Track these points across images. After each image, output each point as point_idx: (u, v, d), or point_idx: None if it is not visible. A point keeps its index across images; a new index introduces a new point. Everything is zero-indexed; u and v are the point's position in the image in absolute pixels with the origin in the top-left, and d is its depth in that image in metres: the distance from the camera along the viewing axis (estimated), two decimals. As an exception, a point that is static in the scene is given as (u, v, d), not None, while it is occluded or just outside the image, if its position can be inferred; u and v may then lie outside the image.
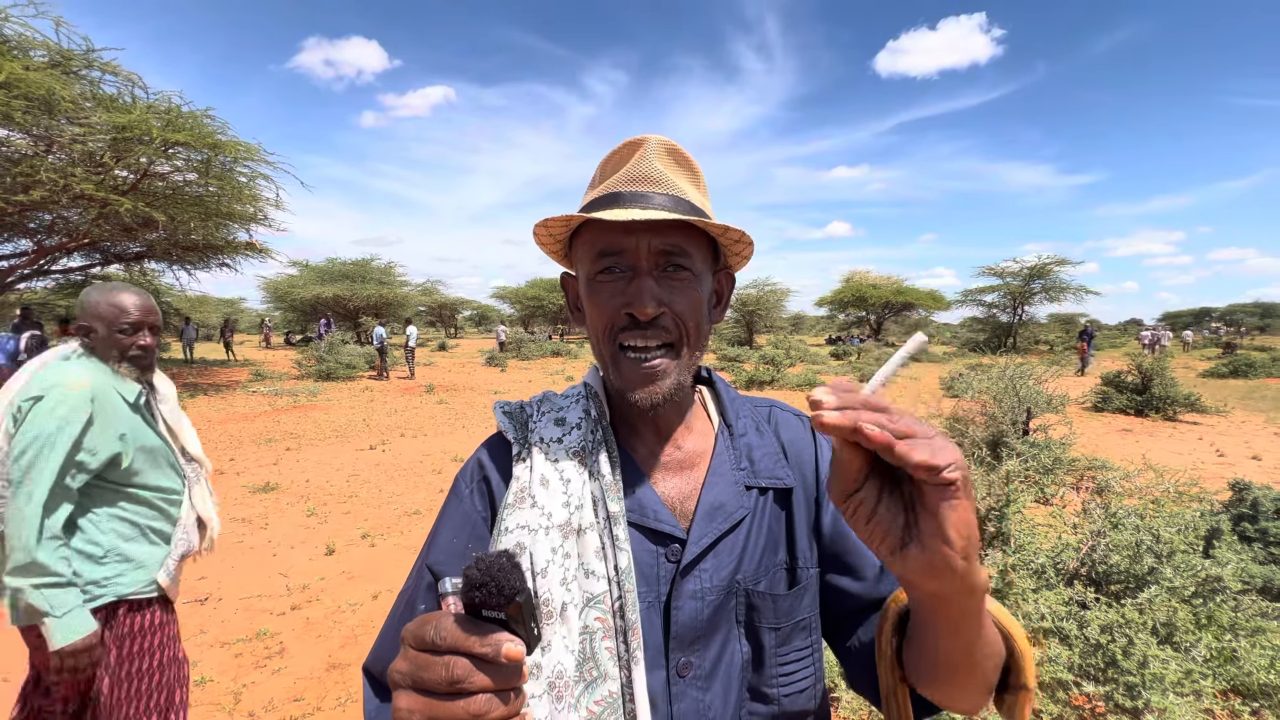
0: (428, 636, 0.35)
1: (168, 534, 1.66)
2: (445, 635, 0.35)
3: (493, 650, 0.34)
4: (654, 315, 0.61)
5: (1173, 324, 61.59)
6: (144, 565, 1.58)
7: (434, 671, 0.34)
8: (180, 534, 1.68)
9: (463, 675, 0.34)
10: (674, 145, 0.66)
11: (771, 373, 14.68)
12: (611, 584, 0.59)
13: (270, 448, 7.30)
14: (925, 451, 0.37)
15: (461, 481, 0.68)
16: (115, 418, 1.53)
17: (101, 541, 1.52)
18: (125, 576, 1.54)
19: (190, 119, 10.20)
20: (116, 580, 1.53)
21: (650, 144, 0.65)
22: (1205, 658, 2.26)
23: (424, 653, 0.35)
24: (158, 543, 1.63)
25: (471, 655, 0.34)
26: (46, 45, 9.13)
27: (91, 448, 1.48)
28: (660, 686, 0.60)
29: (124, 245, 13.00)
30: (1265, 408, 11.16)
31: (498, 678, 0.35)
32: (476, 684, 0.34)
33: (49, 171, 8.83)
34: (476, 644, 0.34)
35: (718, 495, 0.65)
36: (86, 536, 1.51)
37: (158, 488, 1.64)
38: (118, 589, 1.52)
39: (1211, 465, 6.65)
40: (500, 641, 0.34)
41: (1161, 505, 3.46)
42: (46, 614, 1.37)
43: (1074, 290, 28.54)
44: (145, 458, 1.60)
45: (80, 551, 1.49)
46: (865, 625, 0.66)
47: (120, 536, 1.56)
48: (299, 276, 27.67)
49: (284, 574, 3.78)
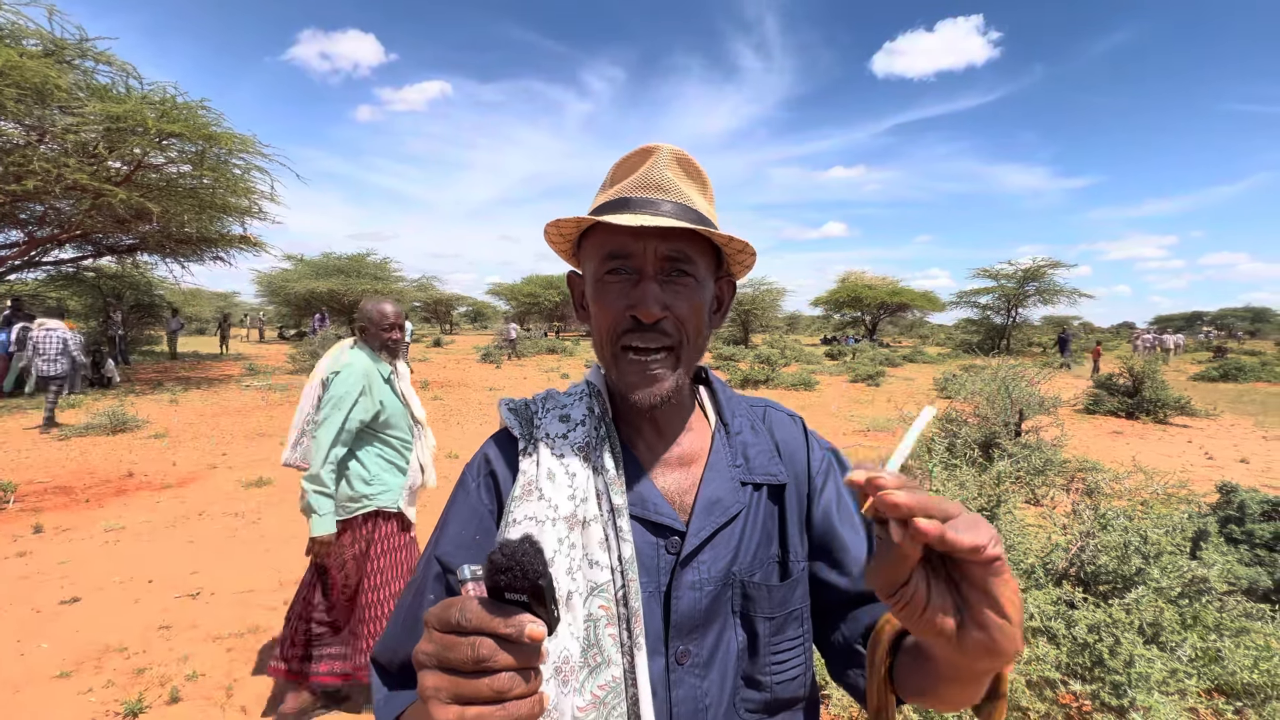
0: (453, 619, 0.37)
1: (405, 469, 2.40)
2: (471, 617, 0.36)
3: (516, 630, 0.35)
4: (657, 318, 0.63)
5: (1163, 328, 62.03)
6: (392, 489, 2.35)
7: (460, 651, 0.36)
8: (412, 472, 2.42)
9: (488, 654, 0.35)
10: (685, 155, 0.69)
11: (766, 372, 14.70)
12: (615, 574, 0.62)
13: (263, 442, 7.27)
14: (970, 533, 0.37)
15: (469, 475, 0.71)
16: (377, 388, 2.30)
17: (370, 468, 2.30)
18: (383, 495, 2.32)
19: (185, 110, 10.12)
20: (379, 496, 2.31)
21: (662, 153, 0.68)
22: (1190, 657, 2.29)
23: (449, 634, 0.37)
24: (400, 475, 2.39)
25: (496, 635, 0.36)
26: (40, 34, 9.04)
27: (364, 406, 2.24)
28: (659, 673, 0.62)
29: (117, 237, 12.88)
30: (1254, 411, 11.28)
31: (520, 657, 0.36)
32: (500, 662, 0.36)
33: (41, 161, 8.74)
34: (501, 625, 0.35)
35: (715, 490, 0.68)
36: (361, 465, 2.29)
37: (399, 438, 2.38)
38: (379, 502, 2.31)
39: (1200, 468, 6.72)
40: (524, 622, 0.36)
41: (1150, 507, 3.50)
42: (313, 511, 2.15)
43: (1067, 293, 28.73)
44: (393, 416, 2.34)
45: (359, 476, 2.28)
46: (847, 621, 0.68)
47: (380, 467, 2.32)
48: (293, 271, 27.49)
49: (277, 568, 3.77)
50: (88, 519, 4.58)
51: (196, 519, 4.65)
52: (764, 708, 0.65)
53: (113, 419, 7.60)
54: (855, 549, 0.69)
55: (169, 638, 2.97)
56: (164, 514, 4.74)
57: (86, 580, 3.55)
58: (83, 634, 2.97)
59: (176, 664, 2.74)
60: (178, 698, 2.49)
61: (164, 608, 3.25)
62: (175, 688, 2.53)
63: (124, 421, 7.69)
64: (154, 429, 7.80)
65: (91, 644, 2.88)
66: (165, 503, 5.01)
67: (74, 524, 4.46)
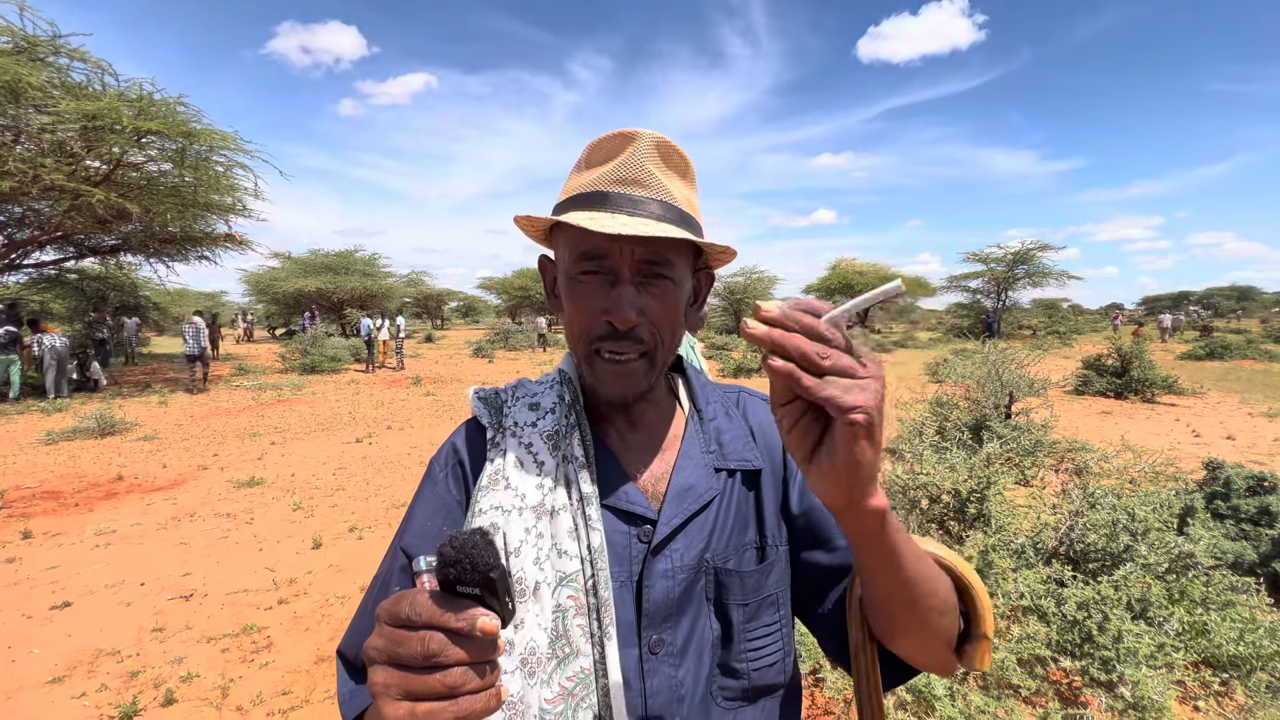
0: (403, 613, 0.36)
1: None
2: (420, 610, 0.35)
3: (468, 624, 0.35)
4: (633, 325, 0.61)
5: (1151, 308, 62.57)
6: None
7: (410, 646, 0.35)
8: None
9: (438, 649, 0.35)
10: (666, 141, 0.65)
11: (758, 360, 14.75)
12: (584, 563, 0.61)
13: (255, 442, 7.21)
14: (835, 389, 0.39)
15: (436, 465, 0.69)
16: None
17: None
18: None
19: (163, 107, 9.92)
20: None
21: (643, 141, 0.63)
22: (1177, 631, 2.33)
23: (399, 629, 0.36)
24: None
25: (447, 630, 0.35)
26: (10, 30, 8.82)
27: None
28: (633, 663, 0.61)
29: (98, 238, 12.66)
30: (1240, 389, 11.42)
31: (473, 651, 0.35)
32: (452, 657, 0.35)
33: (17, 162, 8.56)
34: (451, 619, 0.35)
35: (687, 477, 0.67)
36: None
37: None
38: None
39: (1188, 445, 6.81)
40: (475, 616, 0.35)
41: (1138, 485, 3.54)
42: None
43: (1056, 275, 28.87)
44: None
45: None
46: (834, 591, 0.68)
47: None
48: (280, 269, 27.16)
49: (271, 568, 3.75)
50: (77, 523, 4.53)
51: (188, 520, 4.62)
52: (742, 695, 0.65)
53: (100, 422, 7.52)
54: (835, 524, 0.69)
55: (162, 640, 2.95)
56: (155, 516, 4.69)
57: (77, 585, 3.52)
58: (74, 638, 2.95)
59: (170, 666, 2.72)
60: (173, 700, 2.48)
61: (156, 610, 3.23)
62: (170, 690, 2.52)
63: (112, 424, 7.61)
64: (143, 431, 7.73)
65: (83, 648, 2.86)
66: (156, 505, 4.97)
67: (63, 528, 4.41)
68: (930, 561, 0.56)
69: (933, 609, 0.55)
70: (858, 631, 0.63)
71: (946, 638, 0.58)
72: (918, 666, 0.62)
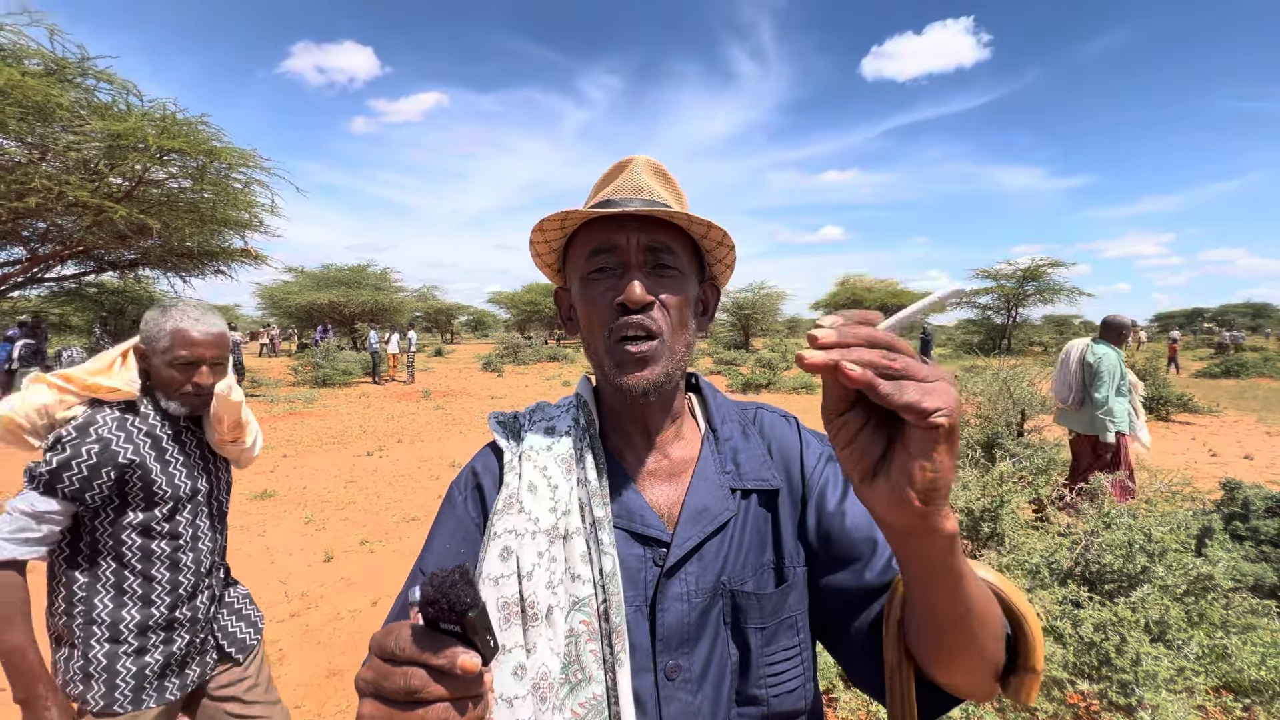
0: (389, 647, 0.37)
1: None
2: (405, 646, 0.36)
3: (448, 663, 0.36)
4: (644, 302, 0.63)
5: (1164, 325, 61.91)
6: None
7: (393, 681, 0.36)
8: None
9: (419, 686, 0.36)
10: (657, 164, 0.74)
11: (768, 376, 14.70)
12: (597, 588, 0.60)
13: (267, 454, 7.27)
14: (915, 393, 0.37)
15: (455, 489, 0.71)
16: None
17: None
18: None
19: (185, 126, 10.18)
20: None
21: (637, 162, 0.72)
22: (1197, 655, 2.29)
23: (386, 662, 0.37)
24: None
25: (428, 667, 0.36)
26: (41, 54, 9.12)
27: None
28: (649, 689, 0.60)
29: (118, 253, 12.92)
30: (1257, 407, 11.24)
31: (453, 688, 0.36)
32: (433, 694, 0.36)
33: (43, 179, 8.79)
34: (431, 657, 0.36)
35: (702, 499, 0.67)
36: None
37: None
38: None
39: (1204, 464, 6.70)
40: (455, 655, 0.36)
41: (1154, 505, 3.50)
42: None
43: (1067, 291, 28.71)
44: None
45: None
46: (864, 614, 0.65)
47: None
48: (294, 283, 27.56)
49: (282, 581, 3.77)
50: (93, 534, 4.58)
51: (201, 532, 4.65)
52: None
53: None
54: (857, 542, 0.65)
55: (176, 652, 2.97)
56: (169, 528, 4.74)
57: (93, 596, 3.55)
58: (90, 649, 2.97)
59: (184, 678, 2.74)
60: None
61: (170, 622, 3.25)
62: (183, 702, 2.53)
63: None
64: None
65: (99, 659, 2.88)
66: (170, 517, 5.01)
67: (79, 539, 4.46)
68: (983, 585, 0.53)
69: (987, 637, 0.52)
70: (893, 654, 0.59)
71: (995, 666, 0.55)
72: (955, 694, 0.59)
